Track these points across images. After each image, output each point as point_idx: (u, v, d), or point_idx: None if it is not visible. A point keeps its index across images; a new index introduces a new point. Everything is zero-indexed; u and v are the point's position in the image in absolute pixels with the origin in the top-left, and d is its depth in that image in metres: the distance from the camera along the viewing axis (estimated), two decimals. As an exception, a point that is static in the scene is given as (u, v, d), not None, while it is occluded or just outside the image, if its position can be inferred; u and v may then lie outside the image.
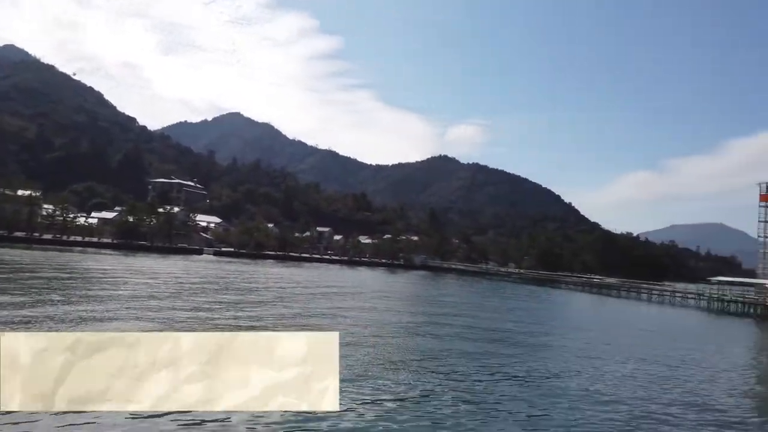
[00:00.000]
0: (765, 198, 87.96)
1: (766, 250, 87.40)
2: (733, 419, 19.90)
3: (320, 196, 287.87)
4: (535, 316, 56.64)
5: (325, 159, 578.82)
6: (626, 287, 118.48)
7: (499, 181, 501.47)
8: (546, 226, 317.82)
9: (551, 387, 23.28)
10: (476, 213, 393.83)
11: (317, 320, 37.83)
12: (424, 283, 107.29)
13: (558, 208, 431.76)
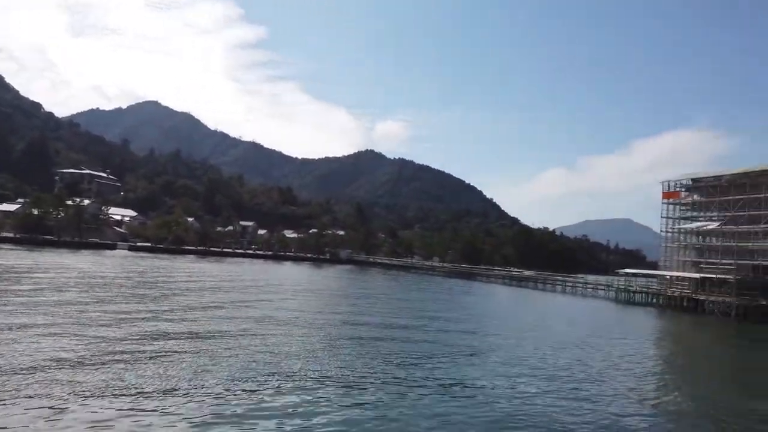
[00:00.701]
0: (667, 195, 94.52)
1: (667, 244, 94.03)
2: (629, 402, 21.99)
3: (244, 189, 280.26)
4: (456, 309, 57.74)
5: (248, 151, 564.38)
6: (543, 279, 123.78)
7: (425, 176, 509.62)
8: (469, 220, 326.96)
9: (461, 380, 23.70)
10: (402, 208, 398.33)
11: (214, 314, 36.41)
12: (348, 277, 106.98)
13: (480, 204, 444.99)
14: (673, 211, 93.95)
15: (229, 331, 31.60)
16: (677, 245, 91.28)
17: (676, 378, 31.10)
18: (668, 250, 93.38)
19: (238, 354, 25.12)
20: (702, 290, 78.30)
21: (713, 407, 23.19)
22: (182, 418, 16.13)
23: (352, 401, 19.11)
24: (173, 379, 19.97)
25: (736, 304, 69.96)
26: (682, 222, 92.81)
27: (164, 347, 25.25)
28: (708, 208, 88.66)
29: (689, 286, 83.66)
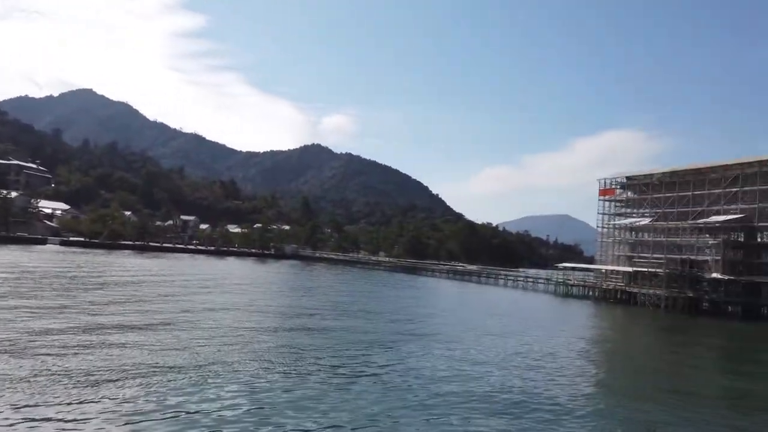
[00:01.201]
0: (603, 192, 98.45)
1: (603, 239, 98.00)
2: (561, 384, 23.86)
3: (185, 182, 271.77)
4: (398, 303, 58.00)
5: (190, 143, 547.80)
6: (486, 273, 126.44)
7: (372, 171, 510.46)
8: (415, 215, 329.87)
9: (405, 370, 23.82)
10: (349, 202, 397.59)
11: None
12: (292, 272, 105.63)
13: (427, 199, 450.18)
14: (608, 207, 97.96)
15: (155, 324, 30.68)
16: (612, 240, 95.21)
17: (607, 364, 33.86)
18: (604, 245, 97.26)
19: (165, 350, 24.18)
20: (635, 283, 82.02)
21: (640, 386, 26.56)
22: (97, 414, 15.59)
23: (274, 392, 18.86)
24: (90, 375, 18.95)
25: (665, 295, 73.66)
26: (616, 218, 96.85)
27: (90, 341, 23.99)
28: (641, 205, 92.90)
29: (623, 279, 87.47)
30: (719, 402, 25.08)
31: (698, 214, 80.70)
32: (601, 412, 20.94)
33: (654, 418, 20.38)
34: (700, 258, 76.88)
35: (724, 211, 77.68)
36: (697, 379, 30.17)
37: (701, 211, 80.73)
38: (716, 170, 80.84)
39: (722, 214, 77.11)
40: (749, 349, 46.66)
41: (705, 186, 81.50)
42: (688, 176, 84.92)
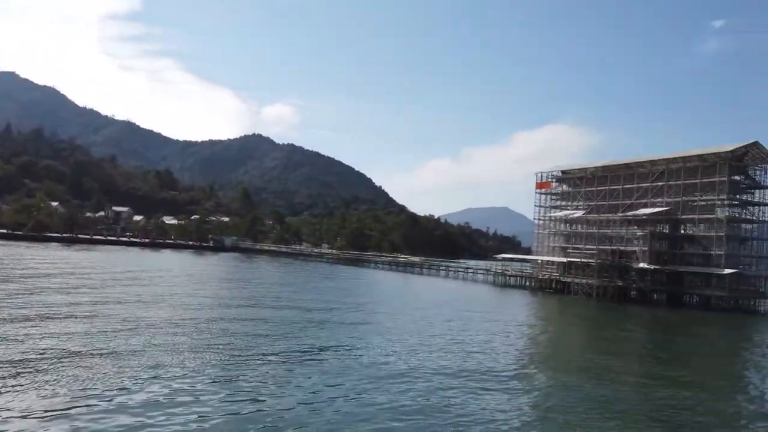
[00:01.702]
0: (540, 186, 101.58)
1: (539, 231, 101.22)
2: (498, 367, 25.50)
3: (117, 171, 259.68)
4: (341, 294, 57.71)
5: (122, 131, 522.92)
6: (427, 265, 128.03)
7: (315, 162, 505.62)
8: (358, 207, 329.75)
9: (346, 356, 23.67)
10: (291, 194, 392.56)
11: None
12: (229, 265, 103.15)
13: (370, 191, 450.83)
14: (545, 200, 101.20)
15: (61, 316, 29.04)
16: (548, 232, 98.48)
17: (541, 346, 36.62)
18: (540, 236, 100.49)
19: (96, 341, 22.94)
20: (569, 273, 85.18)
21: (570, 366, 29.63)
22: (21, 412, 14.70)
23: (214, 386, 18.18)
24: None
25: (597, 285, 76.95)
26: (552, 210, 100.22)
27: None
28: (575, 197, 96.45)
29: (558, 269, 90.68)
30: (635, 380, 27.18)
31: (628, 207, 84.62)
32: (529, 382, 24.22)
33: (577, 391, 23.24)
34: (629, 249, 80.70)
35: (651, 204, 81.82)
36: (615, 361, 32.24)
37: (630, 204, 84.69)
38: (644, 165, 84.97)
39: (649, 207, 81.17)
40: (669, 333, 49.36)
41: (634, 180, 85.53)
42: (619, 171, 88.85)
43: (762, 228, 77.68)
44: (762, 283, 77.57)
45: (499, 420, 18.23)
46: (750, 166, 77.17)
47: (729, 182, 73.85)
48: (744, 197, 77.54)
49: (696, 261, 77.15)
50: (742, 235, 77.88)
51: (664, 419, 20.33)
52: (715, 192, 74.86)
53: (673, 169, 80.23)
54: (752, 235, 78.34)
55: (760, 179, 77.14)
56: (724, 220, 74.01)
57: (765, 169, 76.61)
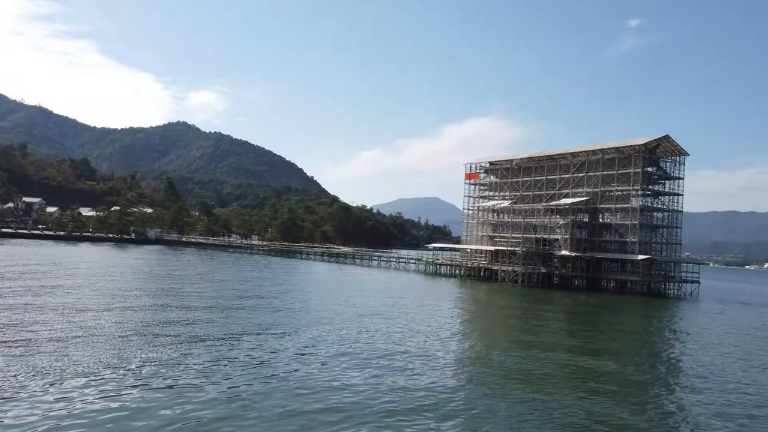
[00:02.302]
0: (468, 176, 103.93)
1: (468, 220, 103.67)
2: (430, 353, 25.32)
3: (28, 160, 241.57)
4: (271, 286, 56.60)
5: (33, 117, 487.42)
6: (360, 255, 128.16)
7: (244, 152, 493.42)
8: (289, 198, 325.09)
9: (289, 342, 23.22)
10: (219, 184, 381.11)
11: None
12: (151, 258, 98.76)
13: (301, 181, 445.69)
14: (473, 190, 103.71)
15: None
16: (476, 221, 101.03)
17: (467, 328, 38.15)
18: (469, 225, 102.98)
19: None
20: (496, 261, 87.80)
21: (497, 345, 31.79)
22: None
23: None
24: None
25: (522, 272, 79.81)
26: (480, 200, 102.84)
27: None
28: (502, 188, 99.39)
29: (486, 257, 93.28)
30: (555, 354, 29.19)
31: (551, 197, 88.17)
32: (457, 360, 26.39)
33: (502, 363, 25.92)
34: (552, 237, 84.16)
35: (573, 194, 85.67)
36: (537, 339, 34.34)
37: (553, 194, 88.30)
38: (566, 157, 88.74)
39: (571, 197, 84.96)
40: (586, 315, 52.01)
41: (557, 171, 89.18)
42: (543, 162, 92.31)
43: (672, 216, 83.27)
44: (671, 268, 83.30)
45: (429, 393, 19.43)
46: (661, 158, 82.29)
47: (643, 173, 78.48)
48: (656, 187, 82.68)
49: (613, 248, 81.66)
50: (654, 223, 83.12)
51: (582, 383, 23.27)
52: (630, 182, 79.37)
53: (592, 160, 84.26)
54: (663, 223, 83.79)
55: (670, 170, 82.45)
56: (638, 209, 78.67)
57: (675, 161, 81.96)
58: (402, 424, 16.45)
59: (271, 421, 15.99)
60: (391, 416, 17.05)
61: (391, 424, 16.35)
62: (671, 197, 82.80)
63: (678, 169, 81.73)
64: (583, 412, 18.88)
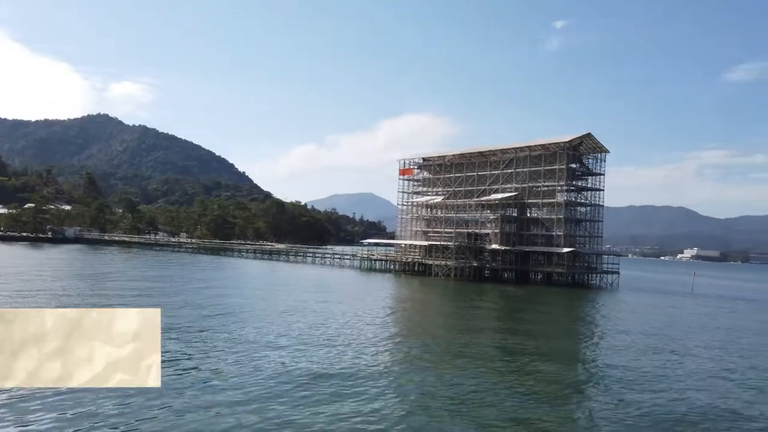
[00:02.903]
0: (403, 172, 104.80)
1: (402, 216, 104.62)
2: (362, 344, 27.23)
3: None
4: (203, 284, 54.81)
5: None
6: (294, 252, 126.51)
7: (170, 146, 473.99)
8: (220, 194, 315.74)
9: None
10: (144, 179, 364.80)
11: None
12: (73, 257, 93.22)
13: (232, 177, 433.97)
14: (407, 186, 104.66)
15: None
16: (411, 217, 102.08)
17: (402, 318, 39.58)
18: (403, 221, 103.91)
19: None
20: (430, 256, 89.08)
21: (430, 335, 33.57)
22: None
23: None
24: None
25: (455, 266, 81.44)
26: (414, 196, 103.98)
27: None
28: (435, 184, 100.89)
29: (420, 252, 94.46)
30: (485, 337, 31.16)
31: (482, 193, 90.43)
32: (391, 347, 27.92)
33: (434, 346, 27.83)
34: (483, 231, 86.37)
35: (502, 189, 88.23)
36: (469, 324, 35.64)
37: (484, 189, 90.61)
38: (496, 154, 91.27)
39: (500, 193, 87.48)
40: (515, 304, 53.88)
41: (487, 167, 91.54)
42: (474, 158, 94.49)
43: (594, 211, 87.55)
44: (594, 259, 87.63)
45: (360, 377, 20.46)
46: (584, 155, 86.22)
47: (567, 170, 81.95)
48: (579, 183, 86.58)
49: (540, 241, 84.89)
50: (577, 217, 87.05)
51: (509, 362, 26.23)
52: (555, 178, 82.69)
53: (520, 157, 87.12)
54: (586, 217, 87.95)
55: (592, 167, 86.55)
56: (563, 203, 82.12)
57: (596, 158, 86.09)
58: (322, 409, 16.88)
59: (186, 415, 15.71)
60: (311, 402, 17.56)
61: (311, 410, 16.82)
62: (593, 192, 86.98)
63: (599, 166, 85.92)
64: (507, 394, 19.50)
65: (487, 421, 17.29)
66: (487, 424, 17.03)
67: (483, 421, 17.28)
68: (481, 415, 17.81)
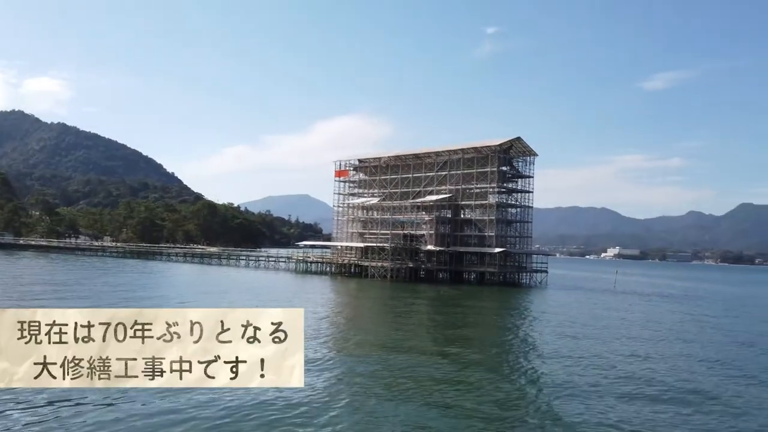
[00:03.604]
0: (338, 174, 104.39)
1: (339, 217, 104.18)
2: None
3: None
4: (126, 289, 52.28)
5: None
6: (227, 255, 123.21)
7: (92, 145, 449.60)
8: (147, 195, 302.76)
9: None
10: (64, 180, 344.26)
11: None
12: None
13: (161, 178, 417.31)
14: (343, 188, 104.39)
15: None
16: (347, 218, 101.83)
17: (337, 320, 39.87)
18: (339, 223, 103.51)
19: None
20: (366, 257, 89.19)
21: (368, 335, 33.95)
22: None
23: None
24: None
25: (391, 267, 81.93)
26: (350, 198, 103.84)
27: None
28: (371, 185, 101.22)
29: (356, 254, 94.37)
30: (420, 336, 31.65)
31: (417, 194, 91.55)
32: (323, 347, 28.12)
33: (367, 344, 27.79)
34: (418, 233, 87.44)
35: (437, 191, 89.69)
36: (404, 325, 35.84)
37: (419, 191, 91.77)
38: (430, 156, 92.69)
39: (435, 194, 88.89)
40: (448, 304, 54.95)
41: (422, 169, 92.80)
42: (409, 160, 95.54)
43: (524, 212, 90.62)
44: (524, 259, 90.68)
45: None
46: (514, 158, 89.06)
47: (498, 172, 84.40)
48: (510, 185, 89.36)
49: (473, 242, 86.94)
50: (508, 218, 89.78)
51: (444, 358, 27.08)
52: (487, 180, 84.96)
53: (454, 159, 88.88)
54: (516, 218, 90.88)
55: (522, 170, 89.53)
56: (494, 205, 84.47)
57: (526, 161, 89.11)
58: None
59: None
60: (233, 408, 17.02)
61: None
62: (523, 194, 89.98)
63: (529, 169, 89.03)
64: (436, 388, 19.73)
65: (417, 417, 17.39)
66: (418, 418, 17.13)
67: (414, 418, 17.36)
68: (412, 412, 17.89)
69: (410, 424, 16.94)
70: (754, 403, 21.33)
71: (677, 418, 18.76)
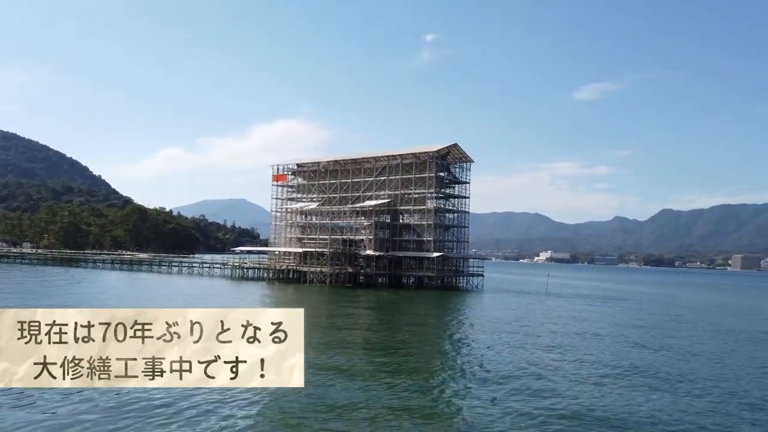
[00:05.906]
0: (276, 178, 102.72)
1: (276, 222, 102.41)
2: None
3: None
4: (46, 298, 49.17)
5: None
6: (158, 262, 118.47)
7: (9, 145, 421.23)
8: (71, 199, 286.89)
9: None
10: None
11: None
12: None
13: (86, 181, 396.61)
14: (281, 192, 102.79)
15: None
16: (285, 223, 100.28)
17: None
18: (277, 228, 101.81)
19: None
20: (304, 263, 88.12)
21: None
22: None
23: None
24: None
25: (330, 272, 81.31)
26: (288, 202, 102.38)
27: None
28: (309, 190, 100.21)
29: (294, 259, 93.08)
30: (359, 339, 31.04)
31: (356, 199, 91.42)
32: None
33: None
34: (357, 238, 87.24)
35: (376, 196, 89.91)
36: (343, 327, 35.18)
37: (358, 196, 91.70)
38: (369, 161, 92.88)
39: (374, 199, 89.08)
40: (387, 309, 55.20)
41: (361, 174, 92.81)
42: (348, 165, 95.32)
43: (461, 217, 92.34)
44: (461, 263, 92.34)
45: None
46: (452, 164, 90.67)
47: (436, 177, 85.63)
48: (447, 191, 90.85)
49: (411, 247, 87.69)
50: (446, 223, 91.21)
51: (380, 356, 27.98)
52: (426, 186, 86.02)
53: (393, 165, 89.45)
54: (453, 223, 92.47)
55: (458, 175, 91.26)
56: (432, 210, 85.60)
57: (462, 167, 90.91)
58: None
59: None
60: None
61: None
62: (460, 199, 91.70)
63: (465, 175, 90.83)
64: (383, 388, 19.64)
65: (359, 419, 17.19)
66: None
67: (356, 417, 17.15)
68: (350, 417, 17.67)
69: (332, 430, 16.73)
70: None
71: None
